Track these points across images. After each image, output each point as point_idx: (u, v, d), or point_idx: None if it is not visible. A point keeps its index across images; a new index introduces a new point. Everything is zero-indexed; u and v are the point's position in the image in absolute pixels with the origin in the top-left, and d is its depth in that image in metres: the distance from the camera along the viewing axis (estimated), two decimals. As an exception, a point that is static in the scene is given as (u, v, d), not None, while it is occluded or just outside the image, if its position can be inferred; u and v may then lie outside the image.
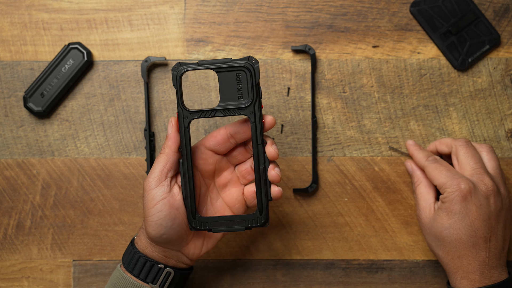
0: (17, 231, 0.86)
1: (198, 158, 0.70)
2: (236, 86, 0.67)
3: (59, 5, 0.86)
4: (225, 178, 0.73)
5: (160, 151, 0.69)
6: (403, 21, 0.85)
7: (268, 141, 0.69)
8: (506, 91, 0.85)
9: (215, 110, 0.67)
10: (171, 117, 0.68)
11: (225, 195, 0.73)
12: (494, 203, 0.71)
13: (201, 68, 0.67)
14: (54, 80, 0.85)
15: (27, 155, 0.86)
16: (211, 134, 0.70)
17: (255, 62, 0.67)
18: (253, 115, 0.67)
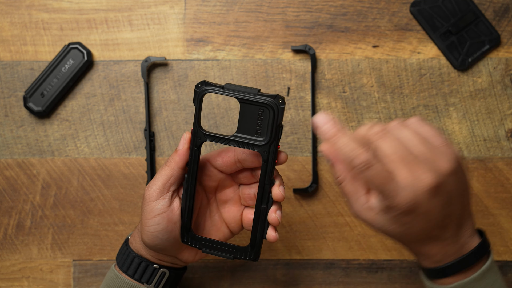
0: (17, 231, 0.86)
1: (203, 174, 0.69)
2: (256, 121, 0.63)
3: (59, 5, 0.86)
4: (227, 195, 0.71)
5: (165, 163, 0.67)
6: (403, 21, 0.85)
7: (276, 181, 0.66)
8: (506, 91, 0.85)
9: (229, 139, 0.64)
10: (186, 132, 0.66)
11: (224, 211, 0.71)
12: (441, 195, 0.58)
13: (225, 93, 0.63)
14: (54, 80, 0.85)
15: (27, 155, 0.86)
16: (219, 153, 0.68)
17: (281, 102, 0.62)
18: (267, 155, 0.64)
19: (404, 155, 0.57)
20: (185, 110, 0.85)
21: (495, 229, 0.85)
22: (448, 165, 0.57)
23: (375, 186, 0.57)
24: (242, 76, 0.85)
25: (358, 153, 0.57)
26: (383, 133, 0.58)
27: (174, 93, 0.86)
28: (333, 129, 0.60)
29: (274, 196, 0.65)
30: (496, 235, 0.85)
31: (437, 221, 0.59)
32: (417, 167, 0.56)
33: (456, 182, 0.59)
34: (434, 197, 0.57)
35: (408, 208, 0.57)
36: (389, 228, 0.60)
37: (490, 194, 0.85)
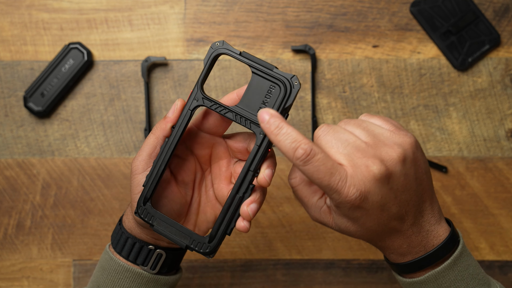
0: (17, 231, 0.86)
1: (193, 142, 0.62)
2: (263, 97, 0.58)
3: (59, 5, 0.86)
4: (220, 169, 0.64)
5: (152, 131, 0.61)
6: (403, 21, 0.85)
7: (265, 163, 0.59)
8: (506, 91, 0.85)
9: (228, 109, 0.58)
10: (179, 99, 0.60)
11: (216, 187, 0.64)
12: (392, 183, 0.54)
13: (240, 59, 0.58)
14: (54, 80, 0.85)
15: (27, 155, 0.86)
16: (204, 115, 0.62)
17: (296, 84, 0.57)
18: (262, 137, 0.57)
19: (348, 146, 0.54)
20: (185, 110, 0.86)
21: (495, 229, 0.85)
22: (397, 152, 0.54)
23: (319, 181, 0.53)
24: (242, 76, 0.85)
25: (299, 144, 0.52)
26: (327, 128, 0.55)
27: (174, 93, 0.86)
28: (276, 121, 0.54)
29: (258, 179, 0.58)
30: (496, 235, 0.85)
31: (392, 211, 0.55)
32: (363, 156, 0.53)
33: (409, 168, 0.55)
34: (383, 186, 0.54)
35: (356, 199, 0.53)
36: (345, 226, 0.57)
37: (490, 194, 0.85)
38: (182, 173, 0.63)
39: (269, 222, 0.85)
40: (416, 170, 0.56)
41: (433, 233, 0.58)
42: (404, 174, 0.55)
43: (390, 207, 0.55)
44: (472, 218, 0.85)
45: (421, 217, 0.58)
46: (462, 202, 0.85)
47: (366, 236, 0.58)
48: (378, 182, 0.53)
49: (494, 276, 0.85)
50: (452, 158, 0.85)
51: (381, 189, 0.54)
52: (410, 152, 0.55)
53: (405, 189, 0.55)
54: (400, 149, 0.55)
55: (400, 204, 0.56)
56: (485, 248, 0.85)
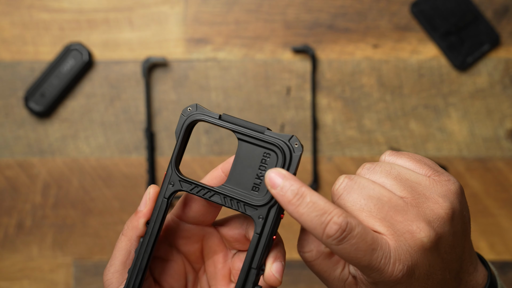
0: (18, 231, 0.86)
1: (177, 237, 0.49)
2: (256, 170, 0.45)
3: (60, 5, 0.86)
4: (216, 266, 0.50)
5: (122, 232, 0.47)
6: (403, 21, 0.85)
7: (272, 253, 0.46)
8: (505, 91, 0.85)
9: (213, 191, 0.45)
10: (151, 186, 0.47)
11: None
12: (441, 246, 0.43)
13: (221, 124, 0.46)
14: (55, 80, 0.85)
15: (28, 155, 0.86)
16: (185, 201, 0.48)
17: (297, 147, 0.44)
18: (262, 223, 0.45)
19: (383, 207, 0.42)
20: (185, 110, 0.86)
21: (495, 229, 0.85)
22: (443, 207, 0.43)
23: (357, 261, 0.41)
24: (242, 76, 0.85)
25: (330, 217, 0.40)
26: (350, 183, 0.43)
27: (174, 93, 0.86)
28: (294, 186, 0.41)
29: (266, 278, 0.45)
30: (496, 235, 0.85)
31: (438, 278, 0.44)
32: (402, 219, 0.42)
33: (457, 224, 0.44)
34: (432, 254, 0.42)
35: (402, 277, 0.42)
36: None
37: (490, 194, 0.85)
38: (168, 279, 0.49)
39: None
40: (463, 223, 0.45)
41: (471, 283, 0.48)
42: (453, 233, 0.43)
43: (436, 273, 0.44)
44: (472, 218, 0.85)
45: (461, 270, 0.47)
46: (462, 202, 0.85)
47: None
48: (426, 252, 0.42)
49: (494, 276, 0.85)
50: (452, 158, 0.85)
51: (429, 258, 0.42)
52: (457, 205, 0.44)
53: (452, 249, 0.44)
54: (447, 203, 0.43)
55: (445, 266, 0.45)
56: (485, 248, 0.85)
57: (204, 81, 0.86)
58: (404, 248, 0.41)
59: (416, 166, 0.45)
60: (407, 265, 0.41)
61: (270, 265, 0.45)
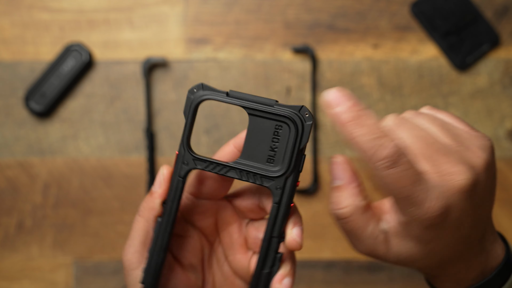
0: (18, 231, 0.86)
1: (192, 214, 0.50)
2: (270, 143, 0.46)
3: (60, 5, 0.86)
4: (231, 236, 0.51)
5: (138, 212, 0.49)
6: (403, 21, 0.85)
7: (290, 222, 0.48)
8: (505, 91, 0.85)
9: (228, 167, 0.46)
10: (163, 167, 0.48)
11: (232, 259, 0.51)
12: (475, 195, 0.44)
13: (229, 101, 0.46)
14: (55, 80, 0.85)
15: (28, 155, 0.86)
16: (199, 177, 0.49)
17: (308, 117, 0.44)
18: (280, 193, 0.46)
19: (426, 146, 0.43)
20: (185, 110, 0.86)
21: (495, 229, 0.85)
22: (482, 157, 0.44)
23: (398, 191, 0.41)
24: (242, 76, 0.85)
25: (385, 141, 0.40)
26: (399, 121, 0.45)
27: (174, 93, 0.86)
28: (355, 105, 0.41)
29: (287, 243, 0.47)
30: (496, 235, 0.85)
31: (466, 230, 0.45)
32: (446, 161, 0.43)
33: (490, 177, 0.45)
34: (467, 199, 0.43)
35: (438, 216, 0.42)
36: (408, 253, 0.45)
37: (490, 194, 0.85)
38: (187, 255, 0.50)
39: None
40: (493, 179, 0.46)
41: (491, 253, 0.48)
42: (486, 185, 0.45)
43: (465, 224, 0.44)
44: (472, 218, 0.85)
45: (484, 235, 0.48)
46: (462, 202, 0.85)
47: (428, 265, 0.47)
48: (463, 195, 0.43)
49: (494, 276, 0.85)
50: (452, 158, 0.85)
51: (464, 203, 0.43)
52: (491, 159, 0.45)
53: (482, 202, 0.45)
54: (484, 155, 0.44)
55: (474, 221, 0.45)
56: (485, 248, 0.85)
57: (204, 81, 0.86)
58: (444, 188, 0.42)
59: (455, 121, 0.47)
60: (444, 205, 0.42)
61: (290, 230, 0.47)
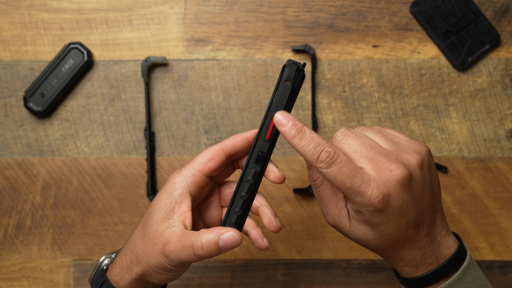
0: (17, 231, 0.86)
1: (194, 188, 0.61)
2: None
3: (59, 5, 0.86)
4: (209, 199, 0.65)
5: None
6: (403, 21, 0.85)
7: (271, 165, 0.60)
8: (506, 91, 0.85)
9: None
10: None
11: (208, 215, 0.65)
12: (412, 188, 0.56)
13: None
14: (54, 80, 0.85)
15: (27, 155, 0.86)
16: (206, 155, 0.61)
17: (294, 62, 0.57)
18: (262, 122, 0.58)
19: (369, 150, 0.55)
20: (185, 110, 0.86)
21: (495, 229, 0.85)
22: (416, 158, 0.56)
23: (341, 183, 0.53)
24: (242, 76, 0.85)
25: (322, 148, 0.53)
26: (349, 132, 0.56)
27: (174, 93, 0.86)
28: (297, 124, 0.54)
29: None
30: (496, 235, 0.85)
31: (411, 218, 0.56)
32: (385, 160, 0.55)
33: (426, 175, 0.57)
34: (405, 190, 0.55)
35: (379, 202, 0.54)
36: (363, 233, 0.57)
37: (490, 194, 0.85)
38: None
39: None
40: (431, 178, 0.58)
41: (444, 244, 0.58)
42: (422, 181, 0.56)
43: (409, 213, 0.56)
44: (472, 218, 0.85)
45: (434, 228, 0.58)
46: (462, 202, 0.85)
47: (382, 245, 0.58)
48: (400, 186, 0.54)
49: (494, 276, 0.85)
50: (452, 158, 0.85)
51: (403, 193, 0.55)
52: (426, 160, 0.57)
53: (422, 196, 0.56)
54: (419, 156, 0.56)
55: (418, 211, 0.56)
56: (485, 248, 0.85)
57: (204, 81, 0.86)
58: (383, 180, 0.54)
59: (397, 133, 0.59)
60: (383, 193, 0.53)
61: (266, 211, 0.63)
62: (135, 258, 0.59)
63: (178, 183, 0.60)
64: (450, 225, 0.84)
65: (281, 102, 0.57)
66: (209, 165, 0.61)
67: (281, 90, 0.57)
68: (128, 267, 0.60)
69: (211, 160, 0.61)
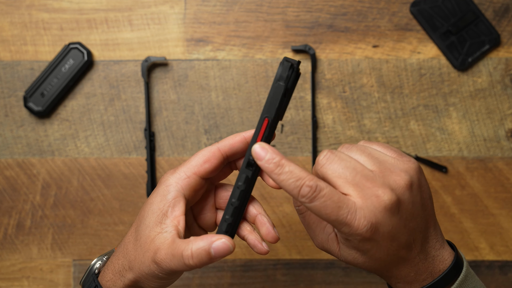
0: (17, 231, 0.86)
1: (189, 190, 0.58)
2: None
3: (59, 5, 0.86)
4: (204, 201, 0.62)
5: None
6: (403, 21, 0.85)
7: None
8: (506, 91, 0.85)
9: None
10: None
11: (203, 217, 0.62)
12: (402, 211, 0.53)
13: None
14: (54, 80, 0.85)
15: (27, 155, 0.86)
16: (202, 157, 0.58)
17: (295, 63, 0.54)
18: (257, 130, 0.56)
19: (354, 175, 0.52)
20: (185, 110, 0.86)
21: (495, 229, 0.85)
22: (404, 179, 0.53)
23: (326, 216, 0.51)
24: (242, 76, 0.85)
25: (303, 182, 0.50)
26: (331, 156, 0.53)
27: (174, 93, 0.86)
28: (275, 159, 0.51)
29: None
30: (496, 235, 0.85)
31: (402, 240, 0.53)
32: (371, 185, 0.51)
33: (416, 194, 0.54)
34: (393, 215, 0.52)
35: (367, 232, 0.51)
36: (353, 258, 0.55)
37: (490, 194, 0.85)
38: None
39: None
40: (422, 196, 0.55)
41: (438, 258, 0.56)
42: (412, 201, 0.53)
43: (399, 236, 0.53)
44: (472, 218, 0.85)
45: (427, 243, 0.56)
46: (462, 202, 0.85)
47: (373, 267, 0.56)
48: (389, 212, 0.51)
49: (494, 276, 0.85)
50: (452, 158, 0.85)
51: (392, 219, 0.52)
52: (415, 179, 0.54)
53: (413, 216, 0.54)
54: (407, 176, 0.53)
55: (409, 232, 0.54)
56: (485, 248, 0.85)
57: (204, 81, 0.86)
58: (370, 208, 0.51)
59: (385, 150, 0.55)
60: (371, 221, 0.51)
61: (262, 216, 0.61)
62: (127, 264, 0.57)
63: (172, 185, 0.57)
64: (450, 225, 0.84)
65: (274, 104, 0.54)
66: (205, 167, 0.58)
67: (274, 91, 0.54)
68: (120, 273, 0.58)
69: (207, 162, 0.58)
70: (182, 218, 0.56)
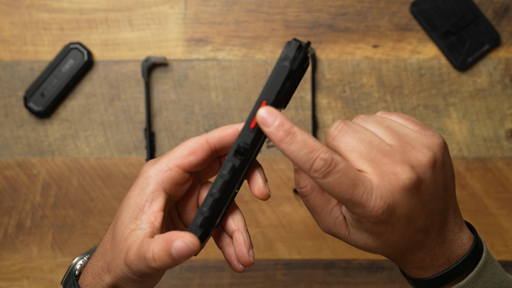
0: (18, 231, 0.86)
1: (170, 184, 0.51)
2: None
3: (59, 5, 0.86)
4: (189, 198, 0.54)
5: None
6: (403, 21, 0.85)
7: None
8: (506, 91, 0.85)
9: None
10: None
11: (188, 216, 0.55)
12: (421, 192, 0.47)
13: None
14: (54, 80, 0.85)
15: (27, 155, 0.86)
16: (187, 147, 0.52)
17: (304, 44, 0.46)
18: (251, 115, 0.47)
19: (369, 149, 0.45)
20: (185, 110, 0.86)
21: (495, 229, 0.85)
22: (427, 156, 0.46)
23: (340, 195, 0.44)
24: (242, 76, 0.85)
25: (317, 154, 0.43)
26: (345, 127, 0.46)
27: (174, 93, 0.86)
28: (285, 125, 0.44)
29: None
30: (496, 235, 0.85)
31: (419, 224, 0.48)
32: (388, 162, 0.45)
33: (438, 174, 0.47)
34: (412, 196, 0.46)
35: (383, 214, 0.45)
36: (364, 242, 0.49)
37: (490, 194, 0.85)
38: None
39: (269, 222, 0.85)
40: (444, 175, 0.48)
41: (457, 242, 0.51)
42: (434, 181, 0.47)
43: (417, 219, 0.47)
44: (472, 218, 0.85)
45: (445, 226, 0.50)
46: (462, 202, 0.85)
47: (386, 252, 0.50)
48: (407, 193, 0.45)
49: (494, 276, 0.85)
50: (452, 158, 0.85)
51: (410, 200, 0.46)
52: (439, 156, 0.47)
53: (433, 198, 0.48)
54: (430, 153, 0.46)
55: (427, 215, 0.48)
56: (485, 248, 0.85)
57: (204, 81, 0.86)
58: (387, 187, 0.45)
59: (405, 122, 0.49)
60: (388, 202, 0.44)
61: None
62: (105, 266, 0.51)
63: (152, 177, 0.51)
64: (450, 225, 0.84)
65: (275, 86, 0.45)
66: (190, 159, 0.51)
67: (276, 71, 0.45)
68: (99, 276, 0.52)
69: (193, 154, 0.51)
70: (160, 214, 0.49)
